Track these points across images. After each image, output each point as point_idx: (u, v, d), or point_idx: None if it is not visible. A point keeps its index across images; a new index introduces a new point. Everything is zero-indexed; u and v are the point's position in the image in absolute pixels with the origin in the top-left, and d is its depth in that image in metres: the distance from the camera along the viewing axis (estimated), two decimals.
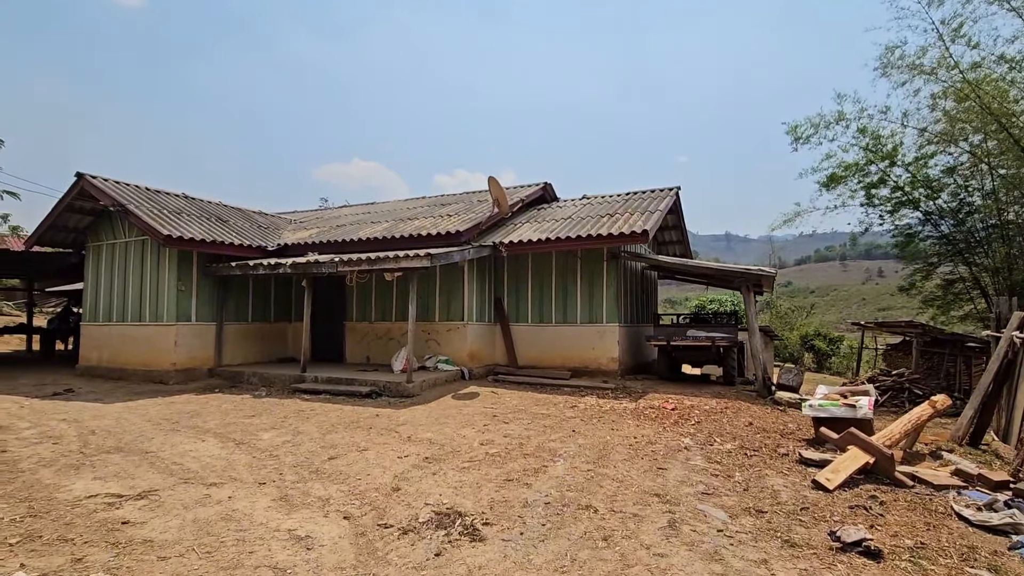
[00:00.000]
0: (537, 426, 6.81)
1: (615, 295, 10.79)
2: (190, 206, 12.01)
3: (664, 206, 11.61)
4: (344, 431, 6.58)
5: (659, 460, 5.32)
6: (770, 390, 9.39)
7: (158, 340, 10.32)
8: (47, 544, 3.42)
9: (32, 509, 4.01)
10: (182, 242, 9.84)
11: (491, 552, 3.40)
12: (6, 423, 6.85)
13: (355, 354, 11.86)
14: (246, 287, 11.68)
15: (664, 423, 7.00)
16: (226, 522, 3.88)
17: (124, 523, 3.81)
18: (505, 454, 5.57)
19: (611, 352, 10.68)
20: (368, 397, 8.54)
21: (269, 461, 5.42)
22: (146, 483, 4.68)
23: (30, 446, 5.79)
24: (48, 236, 11.64)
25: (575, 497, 4.30)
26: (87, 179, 10.54)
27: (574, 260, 11.20)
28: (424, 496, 4.40)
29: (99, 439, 6.14)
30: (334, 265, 9.48)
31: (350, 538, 3.67)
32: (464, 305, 10.78)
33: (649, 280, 13.77)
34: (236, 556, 3.36)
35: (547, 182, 14.41)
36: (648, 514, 3.92)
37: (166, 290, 10.32)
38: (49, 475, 4.85)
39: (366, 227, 12.46)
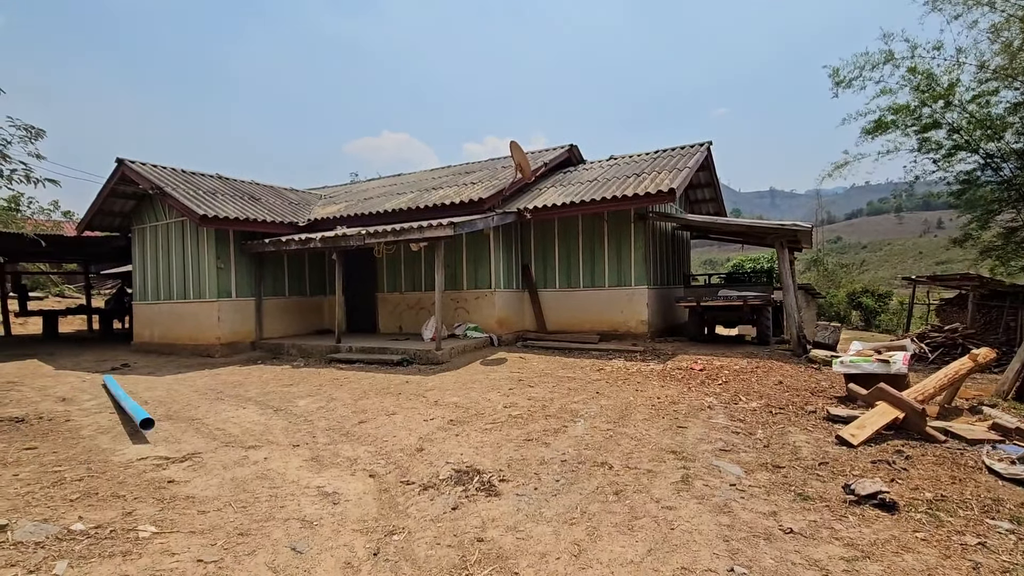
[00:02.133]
0: (561, 389, 6.89)
1: (643, 257, 10.63)
2: (224, 186, 12.40)
3: (693, 163, 11.23)
4: (375, 397, 6.84)
5: (680, 419, 5.32)
6: (805, 349, 9.14)
7: (203, 316, 10.87)
8: (102, 500, 3.75)
9: (90, 470, 4.38)
10: (217, 221, 10.22)
11: (505, 506, 3.52)
12: (71, 396, 7.42)
13: (388, 324, 12.18)
14: (281, 263, 12.08)
15: (690, 384, 6.95)
16: (261, 480, 4.15)
17: (170, 482, 4.13)
18: (527, 416, 5.68)
19: (640, 315, 10.59)
20: (399, 365, 8.81)
21: (303, 425, 5.71)
22: (191, 447, 5.02)
23: (91, 415, 6.28)
24: (97, 221, 12.31)
25: (591, 455, 4.38)
26: (127, 164, 11.01)
27: (601, 223, 11.05)
28: (446, 456, 4.56)
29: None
30: (361, 238, 9.67)
31: (374, 494, 3.86)
32: (491, 272, 10.85)
33: (680, 241, 13.46)
34: (268, 510, 3.60)
35: (573, 144, 14.12)
36: (662, 470, 3.96)
37: (207, 268, 10.80)
38: (106, 441, 5.26)
39: (392, 199, 12.59)
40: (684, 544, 2.88)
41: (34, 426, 5.75)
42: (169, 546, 3.08)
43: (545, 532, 3.13)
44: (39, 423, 5.88)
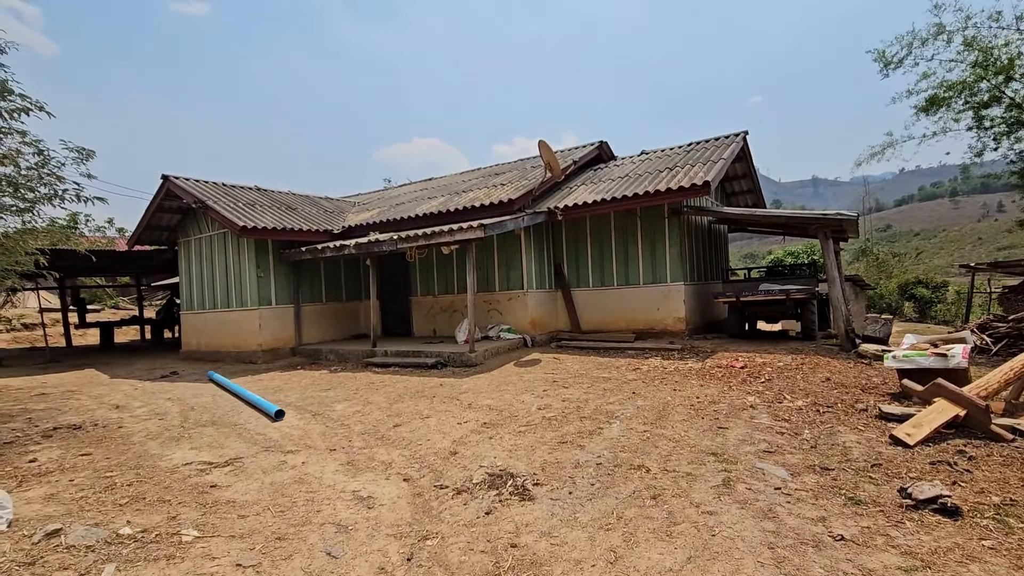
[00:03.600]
0: (596, 389, 6.77)
1: (679, 253, 10.37)
2: (262, 197, 12.79)
3: (729, 154, 10.89)
4: (409, 400, 6.88)
5: (720, 419, 5.13)
6: (854, 343, 8.71)
7: (245, 324, 11.22)
8: (149, 504, 3.88)
9: (139, 475, 4.55)
10: (256, 231, 10.53)
11: (539, 510, 3.46)
12: (124, 403, 7.77)
13: (422, 327, 12.29)
14: (318, 270, 12.36)
15: (731, 382, 6.71)
16: (299, 485, 4.21)
17: (212, 487, 4.24)
18: (562, 418, 5.59)
19: (677, 312, 10.33)
20: (434, 368, 8.85)
21: (340, 430, 5.79)
22: (233, 452, 5.16)
23: (141, 422, 6.54)
24: (146, 235, 12.89)
25: (628, 458, 4.26)
26: (171, 180, 11.48)
27: (633, 219, 10.84)
28: (479, 459, 4.53)
29: (196, 414, 6.82)
30: (393, 243, 9.78)
31: (408, 498, 3.86)
32: (523, 273, 10.80)
33: (717, 235, 13.08)
34: (305, 514, 3.65)
35: (603, 141, 13.92)
36: (702, 473, 3.81)
37: (247, 277, 11.15)
38: (155, 446, 5.47)
39: (423, 203, 12.70)
40: (726, 552, 2.74)
41: (90, 433, 6.03)
42: (210, 550, 3.14)
43: (580, 538, 3.05)
44: (94, 430, 6.16)
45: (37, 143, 6.77)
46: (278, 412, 6.40)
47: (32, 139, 6.76)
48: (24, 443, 5.59)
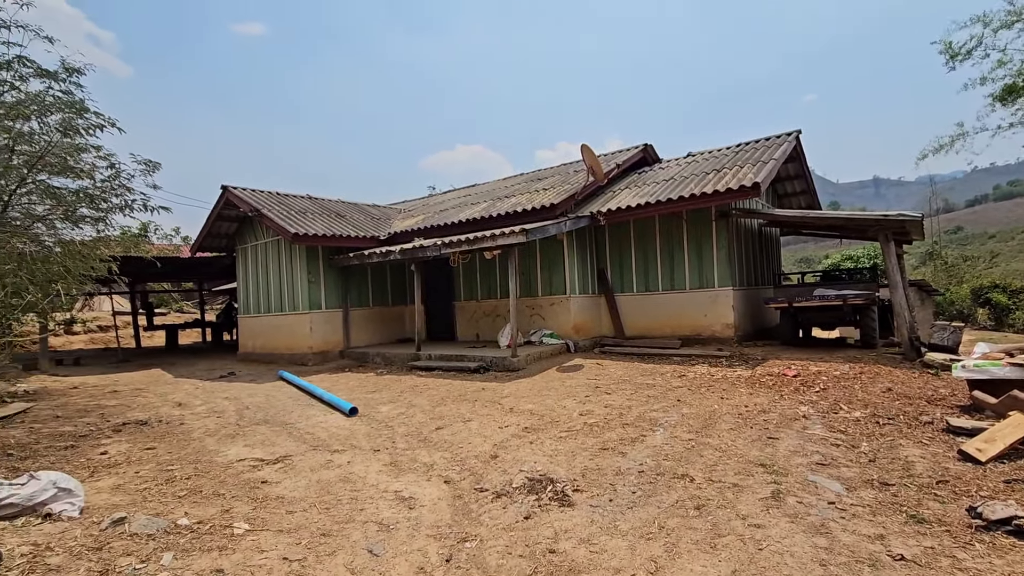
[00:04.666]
0: (640, 396, 6.64)
1: (727, 257, 10.07)
2: (313, 205, 13.28)
3: (780, 154, 10.50)
4: (452, 404, 6.95)
5: (771, 429, 4.92)
6: (919, 351, 8.18)
7: (297, 327, 11.66)
8: (205, 497, 4.07)
9: (197, 470, 4.79)
10: (308, 238, 10.94)
11: (578, 517, 3.42)
12: (185, 401, 8.21)
13: (465, 332, 12.41)
14: (365, 275, 12.71)
15: (782, 391, 6.44)
16: (344, 483, 4.33)
17: (263, 483, 4.41)
18: (604, 424, 5.51)
19: (725, 318, 10.02)
20: (476, 372, 8.91)
21: (384, 431, 5.92)
22: (283, 450, 5.35)
23: (200, 419, 6.89)
24: (207, 243, 13.62)
25: (671, 466, 4.15)
26: (230, 190, 12.10)
27: (679, 223, 10.61)
28: (520, 463, 4.52)
29: (251, 413, 7.13)
30: (437, 248, 9.94)
31: (448, 500, 3.90)
32: (566, 278, 10.75)
33: (768, 238, 12.62)
34: (349, 512, 3.74)
35: (647, 144, 13.71)
36: (749, 484, 3.66)
37: (299, 282, 11.59)
38: (212, 443, 5.75)
39: (466, 209, 12.86)
40: (774, 566, 2.62)
41: (154, 428, 6.40)
42: (259, 543, 3.27)
43: (620, 546, 2.99)
44: (159, 426, 6.54)
45: (109, 157, 7.28)
46: (352, 409, 6.75)
47: (105, 153, 7.28)
48: (96, 437, 5.99)
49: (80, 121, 6.67)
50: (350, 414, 6.72)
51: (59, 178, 7.19)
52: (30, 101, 6.58)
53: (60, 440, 5.80)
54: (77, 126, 6.63)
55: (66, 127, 6.64)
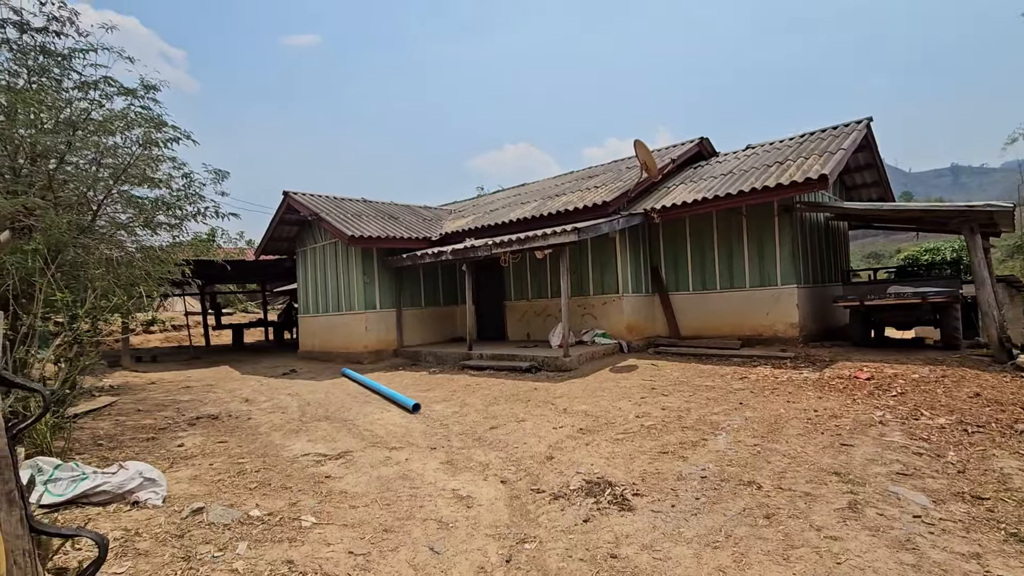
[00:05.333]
0: (699, 399, 6.43)
1: (791, 253, 9.60)
2: (367, 208, 13.67)
3: (849, 144, 9.91)
4: (504, 403, 6.96)
5: (843, 436, 4.64)
6: (1010, 354, 7.51)
7: (353, 327, 12.03)
8: (273, 490, 4.25)
9: (265, 463, 5.00)
10: (363, 240, 11.27)
11: (639, 522, 3.33)
12: (252, 397, 8.63)
13: (516, 331, 12.42)
14: (417, 275, 12.95)
15: (854, 395, 6.06)
16: (402, 480, 4.41)
17: (327, 477, 4.56)
18: (661, 427, 5.37)
19: (789, 317, 9.55)
20: (528, 372, 8.90)
21: (439, 429, 6.00)
22: (344, 445, 5.52)
23: (266, 414, 7.22)
24: (270, 246, 14.28)
25: (736, 472, 3.98)
26: (291, 195, 12.63)
27: (738, 219, 10.20)
28: (576, 465, 4.47)
29: (312, 409, 7.40)
30: (488, 248, 9.99)
31: (505, 500, 3.90)
32: (618, 277, 10.56)
33: (836, 232, 11.94)
34: (409, 509, 3.81)
35: (703, 138, 13.27)
36: (823, 494, 3.46)
37: (355, 283, 11.95)
38: (278, 437, 6.00)
39: (516, 209, 12.87)
40: None
41: (225, 423, 6.75)
42: (326, 537, 3.37)
43: (685, 554, 2.89)
44: (228, 420, 6.89)
45: (183, 167, 7.74)
46: (415, 406, 6.95)
47: (179, 163, 7.74)
48: (174, 430, 6.38)
49: (158, 135, 7.13)
50: (413, 410, 6.90)
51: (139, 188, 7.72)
52: (115, 118, 7.09)
53: (142, 432, 6.21)
54: (156, 139, 7.09)
55: (146, 141, 7.10)
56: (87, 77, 7.25)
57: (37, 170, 6.73)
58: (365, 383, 8.95)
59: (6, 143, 6.47)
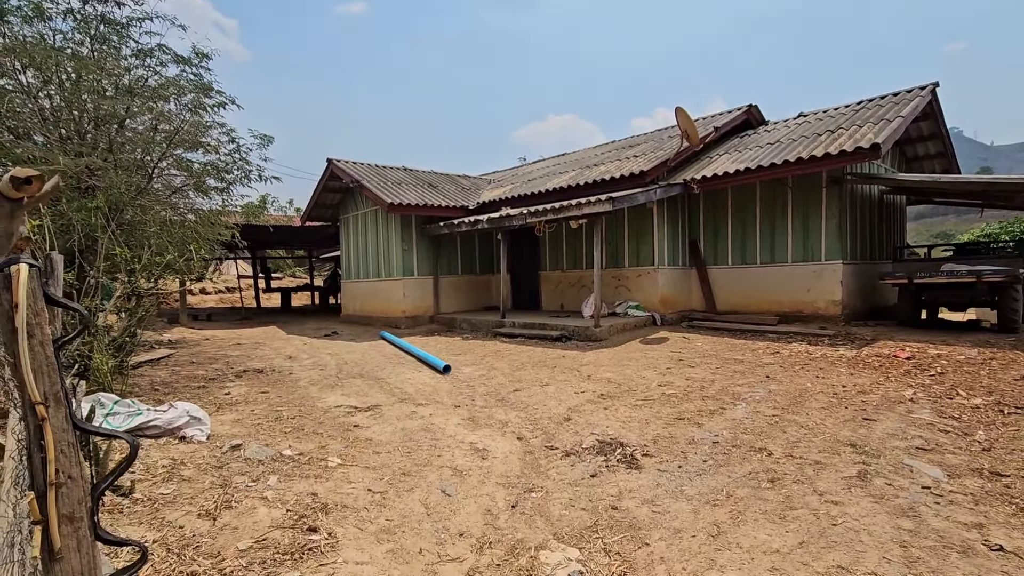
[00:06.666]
0: (726, 371, 6.38)
1: (837, 227, 9.20)
2: (408, 176, 13.90)
3: (908, 112, 9.31)
4: (531, 369, 7.12)
5: (868, 411, 4.55)
6: None
7: (391, 292, 12.41)
8: (305, 435, 4.57)
9: (301, 412, 5.36)
10: (402, 208, 11.52)
11: (644, 479, 3.43)
12: (295, 355, 9.12)
13: (550, 301, 12.51)
14: (454, 243, 13.17)
15: (889, 373, 5.88)
16: (424, 432, 4.65)
17: (355, 426, 4.85)
18: (682, 395, 5.40)
19: (831, 294, 9.23)
20: (558, 340, 9.01)
21: (466, 390, 6.22)
22: (374, 400, 5.83)
23: (306, 370, 7.65)
24: (315, 213, 14.79)
25: (749, 440, 4.00)
26: (334, 162, 12.98)
27: (783, 190, 9.83)
28: (591, 427, 4.58)
29: (349, 367, 7.78)
30: (523, 217, 10.04)
31: (519, 454, 4.07)
32: (654, 249, 10.43)
33: (891, 206, 11.33)
34: (427, 457, 4.03)
35: (752, 105, 12.72)
36: (833, 463, 3.45)
37: (394, 250, 12.28)
38: (315, 391, 6.37)
39: (553, 178, 12.80)
40: (846, 542, 2.48)
41: (268, 376, 7.20)
42: (348, 476, 3.64)
43: (683, 509, 2.98)
44: (272, 374, 7.35)
45: (231, 132, 8.10)
46: (445, 367, 7.19)
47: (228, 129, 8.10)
48: (222, 380, 6.87)
49: (208, 100, 7.47)
50: (443, 372, 7.13)
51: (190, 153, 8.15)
52: (169, 84, 7.47)
53: (194, 381, 6.72)
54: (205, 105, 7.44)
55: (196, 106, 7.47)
56: (143, 45, 7.65)
57: (100, 134, 7.22)
58: (401, 345, 9.30)
59: (73, 108, 6.95)
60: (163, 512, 2.95)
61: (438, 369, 7.27)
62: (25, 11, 7.11)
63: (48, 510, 1.34)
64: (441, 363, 7.30)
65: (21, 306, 1.30)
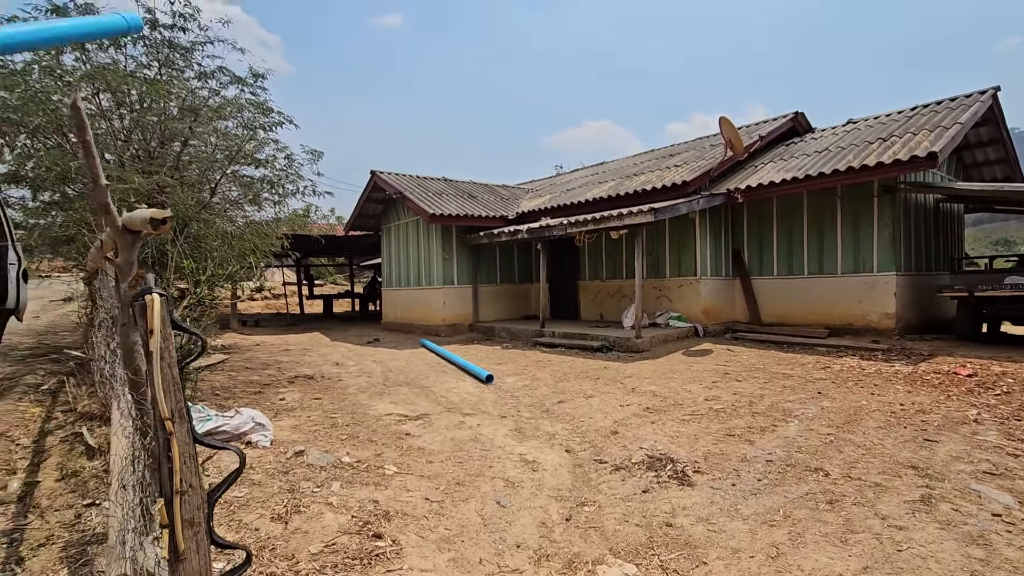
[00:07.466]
0: (774, 386, 6.27)
1: (890, 237, 8.92)
2: (448, 187, 14.17)
3: (967, 118, 8.96)
4: (574, 380, 7.16)
5: (930, 431, 4.41)
6: None
7: (431, 300, 12.65)
8: (361, 443, 4.74)
9: (354, 419, 5.55)
10: (443, 218, 11.76)
11: (697, 496, 3.43)
12: (341, 361, 9.42)
13: (589, 311, 12.50)
14: (493, 253, 13.33)
15: (949, 391, 5.66)
16: (474, 442, 4.75)
17: (406, 435, 5.00)
18: (731, 411, 5.34)
19: (884, 307, 8.93)
20: (598, 351, 9.01)
21: (510, 400, 6.31)
22: (422, 408, 5.98)
23: (354, 377, 7.89)
24: (358, 222, 15.23)
25: (804, 459, 3.94)
26: (377, 174, 13.37)
27: (832, 199, 9.59)
28: (639, 441, 4.59)
29: (394, 375, 7.99)
30: (563, 228, 10.11)
31: (568, 467, 4.12)
32: (696, 259, 10.32)
33: (948, 215, 10.89)
34: (479, 467, 4.13)
35: (798, 112, 12.46)
36: (895, 486, 3.37)
37: (435, 259, 12.53)
38: (364, 398, 6.58)
39: (593, 188, 12.82)
40: (913, 569, 2.44)
41: (319, 383, 7.47)
42: (406, 484, 3.77)
43: (740, 528, 2.97)
44: (322, 381, 7.61)
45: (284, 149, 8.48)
46: (488, 377, 7.31)
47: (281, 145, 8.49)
48: (276, 386, 7.16)
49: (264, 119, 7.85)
50: (486, 381, 7.24)
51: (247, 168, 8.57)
52: (228, 104, 7.89)
53: (250, 387, 7.03)
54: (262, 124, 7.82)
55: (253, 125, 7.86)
56: (205, 67, 8.10)
57: (166, 152, 7.68)
58: (442, 354, 9.48)
59: (143, 128, 7.42)
60: (239, 515, 3.13)
61: (481, 379, 7.38)
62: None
63: (174, 515, 1.49)
64: (484, 373, 7.42)
65: (156, 332, 1.46)
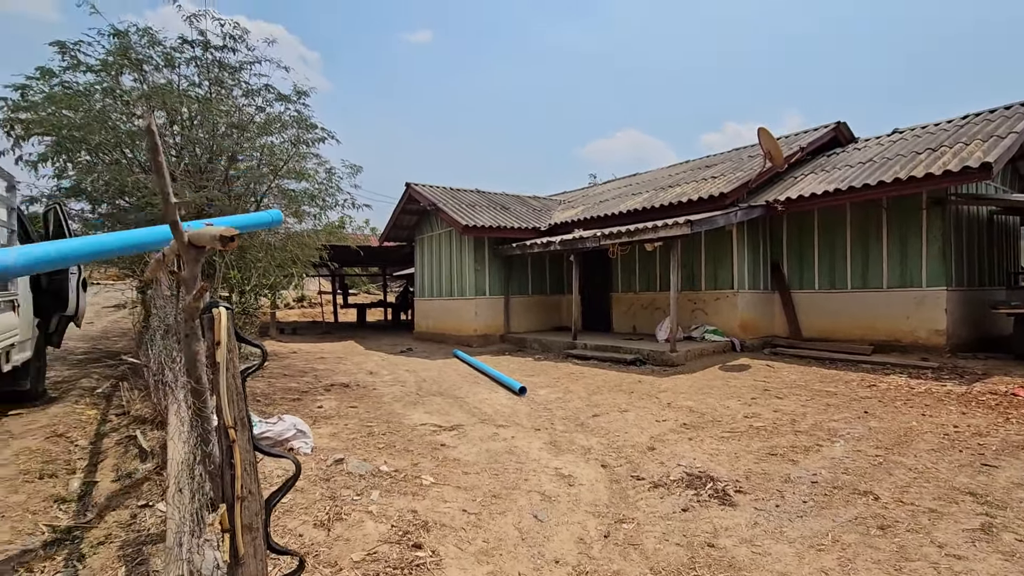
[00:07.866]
0: (817, 404, 6.08)
1: (940, 251, 8.57)
2: (481, 199, 14.32)
3: (1022, 127, 8.58)
4: (607, 393, 7.09)
5: (987, 456, 4.19)
6: None
7: (463, 311, 12.75)
8: (398, 452, 4.80)
9: (390, 428, 5.63)
10: (476, 230, 11.88)
11: (740, 517, 3.34)
12: (375, 370, 9.57)
13: (621, 324, 12.38)
14: (525, 264, 13.37)
15: (1008, 413, 5.38)
16: (509, 455, 4.75)
17: (442, 445, 5.04)
18: (772, 428, 5.20)
19: (934, 323, 8.56)
20: (632, 364, 8.91)
21: (544, 413, 6.29)
22: (456, 419, 6.01)
23: (388, 386, 8.00)
24: (392, 234, 15.53)
25: (852, 481, 3.80)
26: (412, 186, 13.62)
27: (877, 212, 9.29)
28: (677, 458, 4.51)
29: (428, 385, 8.07)
30: (596, 240, 10.07)
31: (605, 483, 4.08)
32: (733, 272, 10.12)
33: (1002, 228, 10.40)
34: (515, 480, 4.13)
35: (840, 122, 12.14)
36: (951, 512, 3.21)
37: (467, 270, 12.64)
38: (399, 407, 6.66)
39: (627, 200, 12.75)
40: None
41: (354, 391, 7.60)
42: (443, 495, 3.79)
43: (786, 552, 2.88)
44: (357, 389, 7.75)
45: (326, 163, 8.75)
46: (521, 388, 7.30)
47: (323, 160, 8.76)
48: (313, 394, 7.32)
49: (308, 135, 8.13)
50: (519, 393, 7.24)
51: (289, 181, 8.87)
52: (273, 121, 8.20)
53: (289, 394, 7.21)
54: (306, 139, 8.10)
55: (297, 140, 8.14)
56: (252, 86, 8.46)
57: (215, 167, 8.02)
58: (475, 364, 9.53)
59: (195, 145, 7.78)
60: (283, 520, 3.21)
61: (514, 390, 7.39)
62: (156, 60, 8.07)
63: (235, 520, 1.55)
64: (517, 384, 7.42)
65: (223, 343, 1.53)
